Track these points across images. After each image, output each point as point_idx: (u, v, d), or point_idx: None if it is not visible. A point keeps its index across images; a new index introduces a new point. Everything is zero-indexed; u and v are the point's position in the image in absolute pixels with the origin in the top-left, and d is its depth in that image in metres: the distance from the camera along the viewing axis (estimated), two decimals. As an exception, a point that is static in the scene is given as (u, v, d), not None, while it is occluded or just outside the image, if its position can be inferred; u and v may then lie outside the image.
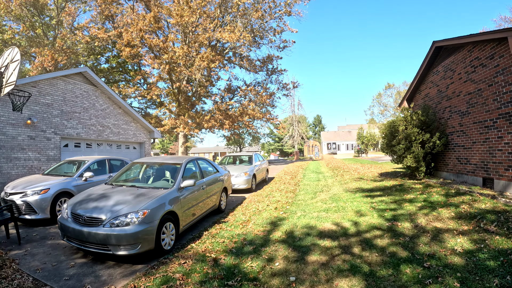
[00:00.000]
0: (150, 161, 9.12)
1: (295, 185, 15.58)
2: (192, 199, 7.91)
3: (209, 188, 9.15)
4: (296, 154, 61.31)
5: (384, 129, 13.89)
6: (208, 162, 10.26)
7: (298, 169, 26.39)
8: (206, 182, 9.08)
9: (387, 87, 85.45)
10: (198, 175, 8.97)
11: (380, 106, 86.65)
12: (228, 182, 11.19)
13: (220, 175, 10.37)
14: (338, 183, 15.02)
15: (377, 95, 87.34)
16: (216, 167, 10.49)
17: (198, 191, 8.34)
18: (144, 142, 21.69)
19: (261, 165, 16.97)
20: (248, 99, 35.17)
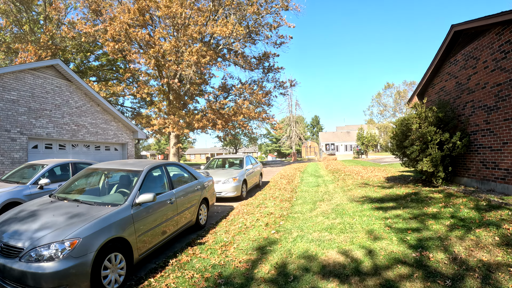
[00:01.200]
0: (108, 166, 7.21)
1: (292, 192, 13.72)
2: (154, 218, 6.04)
3: (181, 201, 7.28)
4: (293, 155, 59.50)
5: (394, 128, 12.04)
6: (182, 167, 8.36)
7: (296, 172, 24.51)
8: (178, 193, 7.21)
9: (387, 87, 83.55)
10: (166, 185, 7.09)
11: (380, 106, 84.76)
12: (211, 191, 9.32)
13: (198, 183, 8.49)
14: (340, 189, 13.16)
15: (376, 95, 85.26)
16: (194, 174, 8.60)
17: (164, 207, 6.47)
18: (126, 143, 19.81)
19: (254, 168, 15.10)
20: (243, 98, 33.37)
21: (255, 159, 16.77)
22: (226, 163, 15.58)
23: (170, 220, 6.69)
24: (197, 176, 8.72)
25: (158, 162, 7.31)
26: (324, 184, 15.57)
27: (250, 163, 14.98)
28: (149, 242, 5.87)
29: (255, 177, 15.24)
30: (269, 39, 34.76)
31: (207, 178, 9.34)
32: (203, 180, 8.88)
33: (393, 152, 12.30)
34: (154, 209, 6.10)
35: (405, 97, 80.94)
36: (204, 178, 9.07)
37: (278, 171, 27.64)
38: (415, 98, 14.28)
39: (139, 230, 5.55)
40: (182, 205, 7.30)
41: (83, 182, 7.08)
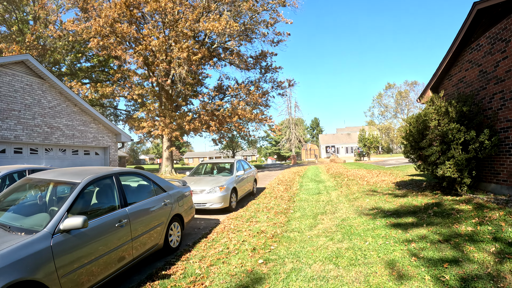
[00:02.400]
0: (44, 176, 5.46)
1: (289, 201, 11.98)
2: (91, 249, 4.34)
3: (140, 221, 5.56)
4: (293, 158, 57.72)
5: (408, 126, 10.30)
6: (145, 177, 6.58)
7: (295, 176, 22.76)
8: (134, 212, 5.49)
9: (388, 87, 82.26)
10: (116, 201, 5.35)
11: (381, 107, 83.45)
12: (186, 205, 7.57)
13: (167, 196, 6.75)
14: (345, 198, 11.41)
15: (377, 96, 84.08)
16: (161, 184, 6.83)
17: (110, 231, 4.78)
18: (108, 147, 18.08)
19: (247, 174, 13.36)
20: (239, 99, 31.68)
21: (249, 164, 15.03)
22: (215, 169, 13.82)
23: (121, 248, 4.96)
24: (167, 187, 6.96)
25: (108, 171, 5.56)
26: (326, 191, 13.83)
27: (242, 168, 13.25)
28: (85, 283, 4.15)
29: (248, 184, 13.50)
30: (266, 37, 33.14)
31: (181, 189, 7.59)
32: (175, 192, 7.13)
33: (407, 154, 10.56)
34: (92, 237, 4.40)
35: (406, 98, 79.48)
36: (177, 190, 7.31)
37: (276, 175, 25.90)
38: (429, 92, 12.55)
39: (66, 268, 3.87)
40: (141, 226, 5.58)
41: (16, 196, 5.35)
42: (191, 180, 11.60)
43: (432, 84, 12.37)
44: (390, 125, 78.60)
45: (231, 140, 53.14)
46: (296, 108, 66.65)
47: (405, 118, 10.94)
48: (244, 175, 12.95)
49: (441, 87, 12.15)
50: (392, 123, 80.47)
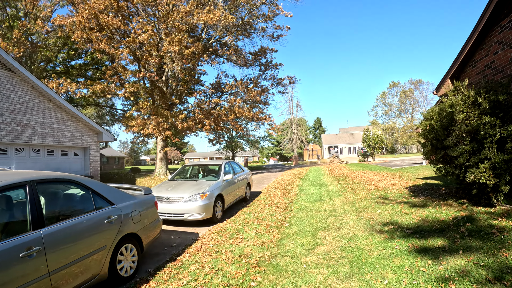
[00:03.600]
0: None
1: (286, 210, 10.25)
2: None
3: (64, 248, 3.93)
4: (295, 159, 55.96)
5: (430, 121, 8.55)
6: (81, 185, 4.77)
7: (295, 178, 20.99)
8: (53, 237, 3.83)
9: (392, 85, 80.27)
10: (27, 218, 3.70)
11: (384, 106, 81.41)
12: (147, 220, 5.89)
13: (112, 211, 5.05)
14: (351, 207, 9.69)
15: (381, 94, 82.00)
16: (107, 195, 5.11)
17: (11, 265, 3.15)
18: (89, 147, 16.40)
19: (236, 178, 11.63)
20: (236, 96, 29.99)
21: (241, 166, 13.30)
22: (200, 172, 12.09)
23: None
24: (115, 198, 5.25)
25: (21, 178, 3.88)
26: (329, 197, 12.08)
27: (232, 172, 11.53)
28: None
29: (240, 189, 11.77)
30: (265, 32, 31.49)
31: (139, 200, 5.88)
32: (127, 205, 5.43)
33: (427, 155, 8.83)
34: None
35: (411, 97, 77.60)
36: (131, 201, 5.61)
37: (275, 177, 24.16)
38: (448, 82, 10.80)
39: None
40: (67, 254, 3.92)
41: None
42: (168, 185, 9.91)
43: (452, 73, 10.62)
44: (394, 125, 76.65)
45: (231, 140, 51.54)
46: (298, 107, 65.13)
47: (425, 112, 9.20)
48: (234, 179, 11.22)
49: (463, 75, 10.41)
50: (396, 123, 78.57)
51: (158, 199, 9.14)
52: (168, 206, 8.83)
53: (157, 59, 22.33)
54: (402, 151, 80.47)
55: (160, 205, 8.91)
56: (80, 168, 16.32)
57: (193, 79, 30.98)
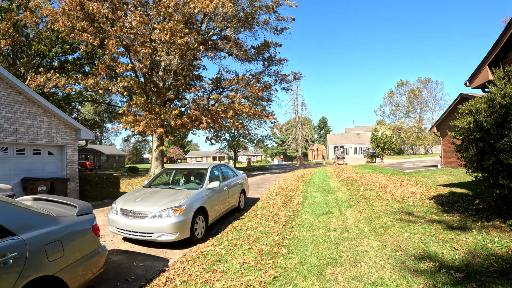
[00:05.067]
0: None
1: (285, 226, 8.27)
2: None
3: None
4: (299, 159, 53.90)
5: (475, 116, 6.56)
6: None
7: (298, 182, 18.98)
8: None
9: (400, 84, 78.08)
10: None
11: (392, 106, 79.15)
12: (78, 253, 3.97)
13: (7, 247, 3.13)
14: (367, 225, 7.68)
15: (388, 93, 79.74)
16: None
17: None
18: (66, 145, 14.48)
19: (227, 186, 9.61)
20: (236, 91, 28.02)
21: (234, 170, 11.30)
22: (182, 177, 10.08)
23: None
24: (18, 224, 3.34)
25: None
26: (338, 208, 10.07)
27: (220, 177, 9.56)
28: None
29: (231, 198, 9.78)
30: (268, 24, 29.47)
31: (64, 224, 3.95)
32: (38, 235, 3.50)
33: (471, 162, 6.82)
34: None
35: (419, 96, 75.34)
36: (48, 228, 3.68)
37: (277, 180, 22.18)
38: (486, 70, 8.82)
39: None
40: None
41: None
42: (139, 194, 7.96)
43: (492, 59, 8.64)
44: (401, 125, 74.37)
45: (233, 139, 49.61)
46: (303, 106, 62.84)
47: (465, 105, 7.19)
48: (223, 186, 9.22)
49: (505, 61, 8.42)
50: (404, 123, 76.26)
51: (123, 212, 7.24)
52: (133, 222, 6.91)
53: (147, 50, 20.40)
54: (409, 152, 78.13)
55: (125, 220, 7.04)
56: (56, 169, 14.42)
57: (192, 74, 29.10)
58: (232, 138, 49.11)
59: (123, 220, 7.07)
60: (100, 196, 15.21)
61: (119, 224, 7.14)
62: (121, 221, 7.11)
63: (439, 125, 21.54)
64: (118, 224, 7.16)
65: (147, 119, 21.72)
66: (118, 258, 6.43)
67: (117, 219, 7.22)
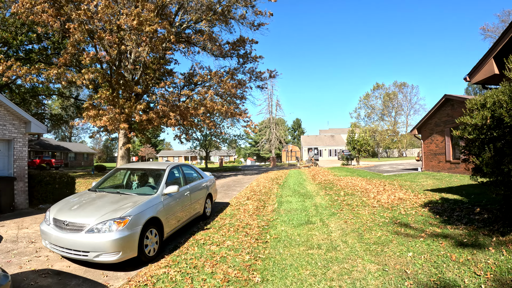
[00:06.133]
0: None
1: (258, 240, 6.85)
2: None
3: None
4: (273, 160, 52.69)
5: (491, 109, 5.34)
6: None
7: (273, 184, 17.62)
8: None
9: (376, 87, 78.10)
10: None
11: (367, 109, 79.14)
12: None
13: None
14: (358, 240, 6.34)
15: (364, 96, 79.69)
16: None
17: None
18: (13, 139, 12.61)
19: (189, 190, 8.04)
20: (209, 88, 26.46)
21: (199, 171, 9.74)
22: (135, 180, 8.50)
23: None
24: None
25: None
26: (319, 217, 8.73)
27: (181, 180, 8.05)
28: None
29: (195, 205, 8.28)
30: (245, 19, 28.02)
31: None
32: None
33: (487, 165, 5.56)
34: None
35: (394, 99, 75.59)
36: None
37: (250, 181, 20.79)
38: (491, 62, 7.71)
39: None
40: None
41: None
42: (80, 200, 6.40)
43: (498, 51, 7.53)
44: (376, 128, 74.39)
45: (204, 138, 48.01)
46: (278, 106, 61.83)
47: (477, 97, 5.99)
48: (184, 191, 7.70)
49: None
50: (379, 126, 76.35)
51: (56, 223, 5.71)
52: (66, 236, 5.35)
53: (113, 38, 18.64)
54: (383, 155, 78.28)
55: (57, 233, 5.50)
56: (2, 166, 12.55)
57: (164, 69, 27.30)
58: (204, 137, 47.53)
59: (55, 232, 5.51)
60: (51, 198, 13.37)
61: (50, 238, 5.56)
62: (52, 234, 5.54)
63: (420, 127, 20.67)
64: (49, 238, 5.59)
65: (111, 114, 19.93)
66: (47, 283, 4.90)
67: (48, 231, 5.65)
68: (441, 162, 18.50)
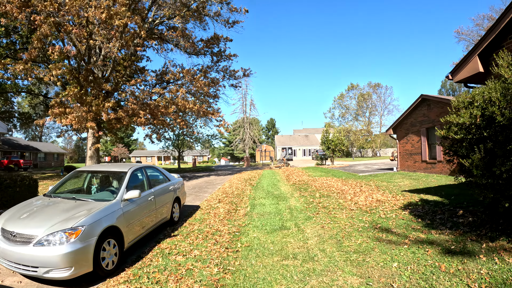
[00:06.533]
0: None
1: (228, 249, 6.23)
2: None
3: None
4: (246, 160, 52.09)
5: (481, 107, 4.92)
6: None
7: (246, 186, 17.01)
8: None
9: (350, 88, 78.65)
10: None
11: (342, 109, 79.61)
12: None
13: None
14: (337, 248, 5.81)
15: (339, 96, 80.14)
16: None
17: None
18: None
19: (154, 194, 7.34)
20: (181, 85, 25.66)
21: (165, 173, 8.97)
22: (95, 184, 7.75)
23: None
24: None
25: None
26: (294, 221, 8.18)
27: (145, 184, 7.31)
28: None
29: (161, 210, 7.58)
30: (220, 16, 27.34)
31: None
32: None
33: (477, 167, 5.12)
34: None
35: (368, 99, 76.28)
36: None
37: (222, 182, 20.15)
38: (475, 60, 7.38)
39: None
40: None
41: None
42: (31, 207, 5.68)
43: (483, 49, 7.20)
44: (350, 128, 74.92)
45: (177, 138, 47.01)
46: (252, 106, 61.30)
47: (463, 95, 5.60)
48: (148, 196, 6.98)
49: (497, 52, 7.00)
50: (353, 126, 76.94)
51: (4, 233, 5.01)
52: (14, 249, 4.64)
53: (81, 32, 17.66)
54: (357, 155, 78.92)
55: (4, 245, 4.82)
56: None
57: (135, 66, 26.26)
58: (176, 137, 46.52)
59: (3, 245, 4.78)
60: (11, 202, 12.33)
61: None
62: (0, 247, 4.82)
63: (396, 127, 20.51)
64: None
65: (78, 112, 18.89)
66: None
67: (-4, 242, 4.92)
68: (417, 162, 18.36)
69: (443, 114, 16.07)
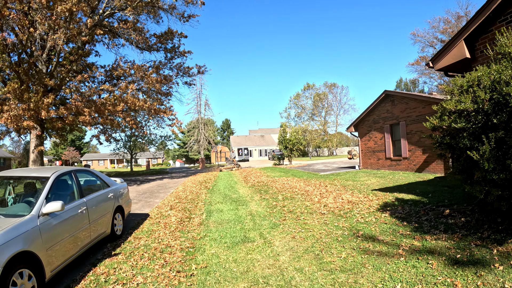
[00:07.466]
0: None
1: (180, 272, 4.92)
2: None
3: None
4: (202, 161, 50.49)
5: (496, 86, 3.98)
6: None
7: (201, 189, 15.66)
8: None
9: (306, 87, 78.91)
10: None
11: (298, 109, 79.68)
12: None
13: None
14: (317, 265, 4.68)
15: (295, 96, 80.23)
16: None
17: None
18: None
19: (86, 205, 5.85)
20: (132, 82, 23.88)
21: (104, 178, 7.45)
22: (11, 194, 6.17)
23: None
24: None
25: None
26: (259, 232, 6.97)
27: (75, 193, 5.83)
28: None
29: (98, 223, 6.13)
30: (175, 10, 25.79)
31: None
32: None
33: (488, 160, 4.17)
34: None
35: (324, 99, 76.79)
36: None
37: (176, 186, 18.67)
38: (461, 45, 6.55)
39: None
40: None
41: None
42: None
43: (469, 33, 6.39)
44: (307, 127, 75.08)
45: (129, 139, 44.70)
46: (207, 106, 59.71)
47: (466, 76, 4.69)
48: (78, 206, 5.54)
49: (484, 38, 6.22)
50: (309, 125, 77.24)
51: None
52: None
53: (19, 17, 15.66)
54: (314, 154, 79.22)
55: None
56: None
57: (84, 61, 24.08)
58: (128, 138, 44.17)
59: None
60: None
61: None
62: None
63: (357, 125, 19.95)
64: None
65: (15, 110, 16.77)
66: None
67: None
68: (381, 160, 17.82)
69: (408, 111, 15.60)
